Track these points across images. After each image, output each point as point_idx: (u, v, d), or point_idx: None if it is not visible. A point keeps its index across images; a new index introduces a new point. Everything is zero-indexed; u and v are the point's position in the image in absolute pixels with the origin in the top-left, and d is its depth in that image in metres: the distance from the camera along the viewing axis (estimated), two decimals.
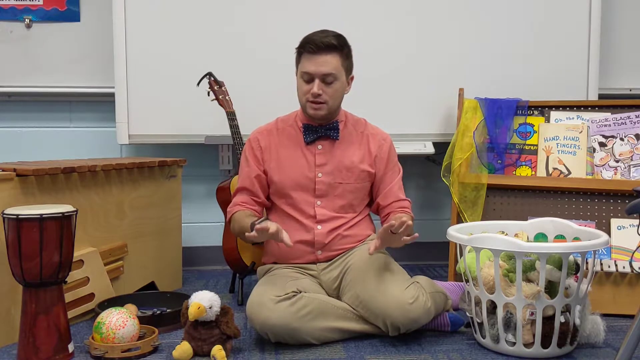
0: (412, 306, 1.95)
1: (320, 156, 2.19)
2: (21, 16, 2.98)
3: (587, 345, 2.03)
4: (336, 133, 2.19)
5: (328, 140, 2.20)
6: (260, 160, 2.21)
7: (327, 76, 2.08)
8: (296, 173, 2.18)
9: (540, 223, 2.21)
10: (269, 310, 1.94)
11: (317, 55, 2.06)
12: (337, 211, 2.19)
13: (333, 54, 2.08)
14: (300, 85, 2.13)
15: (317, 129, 2.18)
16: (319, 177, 2.18)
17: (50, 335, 1.87)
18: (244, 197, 2.21)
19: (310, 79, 2.09)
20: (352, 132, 2.23)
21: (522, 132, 2.75)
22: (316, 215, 2.17)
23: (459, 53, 3.00)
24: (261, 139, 2.22)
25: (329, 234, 2.17)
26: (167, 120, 2.93)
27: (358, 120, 2.28)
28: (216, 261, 3.17)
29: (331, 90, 2.10)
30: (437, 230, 3.23)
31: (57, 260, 1.86)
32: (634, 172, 2.53)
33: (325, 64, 2.06)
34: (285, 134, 2.23)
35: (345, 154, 2.20)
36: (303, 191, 2.18)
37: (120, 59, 2.88)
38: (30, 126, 3.10)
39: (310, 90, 2.08)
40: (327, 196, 2.18)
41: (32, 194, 2.13)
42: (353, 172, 2.19)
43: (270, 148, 2.21)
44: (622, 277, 2.38)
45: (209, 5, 2.91)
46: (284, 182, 2.18)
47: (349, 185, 2.19)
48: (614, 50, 3.20)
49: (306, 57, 2.08)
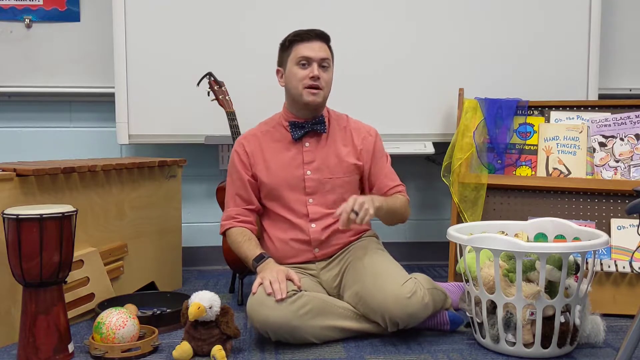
0: (409, 300, 1.96)
1: (307, 153, 2.20)
2: (21, 16, 2.98)
3: (587, 345, 2.03)
4: (323, 127, 2.20)
5: (315, 137, 2.21)
6: (247, 166, 2.21)
7: (324, 60, 2.13)
8: (285, 173, 2.18)
9: (540, 223, 2.21)
10: (269, 309, 1.94)
11: (312, 42, 2.12)
12: (330, 207, 2.18)
13: (324, 42, 2.15)
14: (295, 72, 2.13)
15: (304, 125, 2.19)
16: (307, 174, 2.18)
17: (50, 335, 1.87)
18: (237, 209, 2.22)
19: (307, 63, 2.11)
20: (335, 128, 2.25)
21: (522, 132, 2.75)
22: (309, 214, 2.17)
23: (459, 53, 3.00)
24: (246, 144, 2.23)
25: (323, 230, 2.17)
26: (167, 120, 2.93)
27: (340, 115, 2.30)
28: (216, 261, 3.17)
29: (327, 76, 2.15)
30: (437, 230, 3.23)
31: (57, 260, 1.86)
32: (634, 172, 2.53)
33: (322, 50, 2.13)
34: (270, 135, 2.23)
35: (332, 149, 2.21)
36: (293, 190, 2.18)
37: (120, 59, 2.88)
38: (30, 126, 3.10)
39: (309, 74, 2.10)
40: (318, 193, 2.19)
41: (32, 194, 2.13)
42: (341, 166, 2.20)
43: (256, 152, 2.21)
44: (622, 277, 2.37)
45: (209, 5, 2.91)
46: (274, 183, 2.18)
47: (338, 179, 2.20)
48: (614, 50, 3.20)
49: (301, 45, 2.12)
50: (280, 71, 2.21)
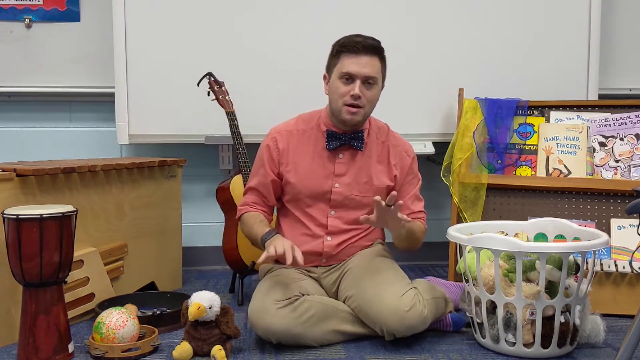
0: (408, 314, 1.92)
1: (340, 166, 2.12)
2: (21, 16, 2.98)
3: (587, 345, 2.03)
4: (360, 143, 2.10)
5: (350, 150, 2.12)
6: (276, 163, 2.13)
7: (369, 79, 2.01)
8: (313, 180, 2.11)
9: (540, 223, 2.21)
10: (272, 317, 1.92)
11: (360, 56, 1.99)
12: (350, 223, 2.14)
13: (375, 56, 2.02)
14: (337, 86, 2.02)
15: (341, 137, 2.10)
16: (335, 187, 2.12)
17: (50, 335, 1.87)
18: (254, 198, 2.17)
19: (351, 80, 2.00)
20: (374, 142, 2.16)
21: (522, 132, 2.75)
22: (328, 226, 2.13)
23: (459, 53, 3.00)
24: (280, 139, 2.13)
25: (338, 246, 2.14)
26: (167, 120, 2.93)
27: (381, 127, 2.20)
28: (216, 261, 3.17)
29: (370, 94, 2.03)
30: (437, 230, 3.22)
31: (57, 260, 1.86)
32: (634, 172, 2.53)
33: (368, 66, 2.00)
34: (306, 136, 2.14)
35: (365, 167, 2.13)
36: (318, 199, 2.12)
37: (120, 59, 2.88)
38: (30, 126, 3.10)
39: (350, 92, 1.99)
40: (342, 207, 2.13)
41: (32, 194, 2.13)
42: (371, 186, 2.13)
43: (289, 150, 2.12)
44: (622, 277, 2.38)
45: (209, 6, 2.91)
46: (299, 188, 2.12)
47: (365, 198, 2.12)
48: (614, 50, 3.20)
49: (348, 57, 1.99)
50: (326, 77, 2.10)
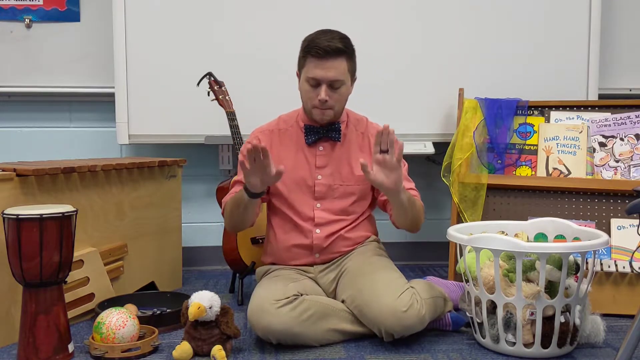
0: (405, 314, 1.92)
1: (321, 158, 2.17)
2: (21, 16, 2.98)
3: (587, 345, 2.03)
4: (337, 134, 2.16)
5: (329, 142, 2.18)
6: None
7: (335, 82, 2.03)
8: (296, 174, 2.16)
9: (540, 223, 2.21)
10: (271, 316, 1.92)
11: (324, 60, 1.99)
12: (337, 214, 2.16)
13: (340, 58, 2.02)
14: (305, 89, 2.07)
15: (319, 130, 2.16)
16: (318, 179, 2.16)
17: (50, 335, 1.87)
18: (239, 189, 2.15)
19: (316, 84, 2.04)
20: (352, 133, 2.21)
21: (522, 132, 2.75)
22: (315, 218, 2.15)
23: (459, 53, 3.00)
24: (262, 138, 2.18)
25: (327, 238, 2.15)
26: (167, 120, 2.93)
27: (359, 119, 2.25)
28: (216, 261, 3.17)
29: (337, 95, 2.06)
30: (437, 230, 3.23)
31: (57, 260, 1.86)
32: (634, 172, 2.53)
33: (332, 69, 2.00)
34: (287, 135, 2.20)
35: (346, 156, 2.18)
36: (302, 193, 2.16)
37: (120, 59, 2.88)
38: (30, 126, 3.10)
39: (317, 97, 2.03)
40: (327, 198, 2.16)
41: (32, 194, 2.13)
42: (353, 174, 2.17)
43: (271, 149, 2.16)
44: (622, 277, 2.38)
45: (209, 6, 2.91)
46: (284, 183, 2.15)
47: (349, 187, 2.17)
48: (614, 50, 3.20)
49: (312, 62, 2.01)
50: (298, 75, 2.13)
